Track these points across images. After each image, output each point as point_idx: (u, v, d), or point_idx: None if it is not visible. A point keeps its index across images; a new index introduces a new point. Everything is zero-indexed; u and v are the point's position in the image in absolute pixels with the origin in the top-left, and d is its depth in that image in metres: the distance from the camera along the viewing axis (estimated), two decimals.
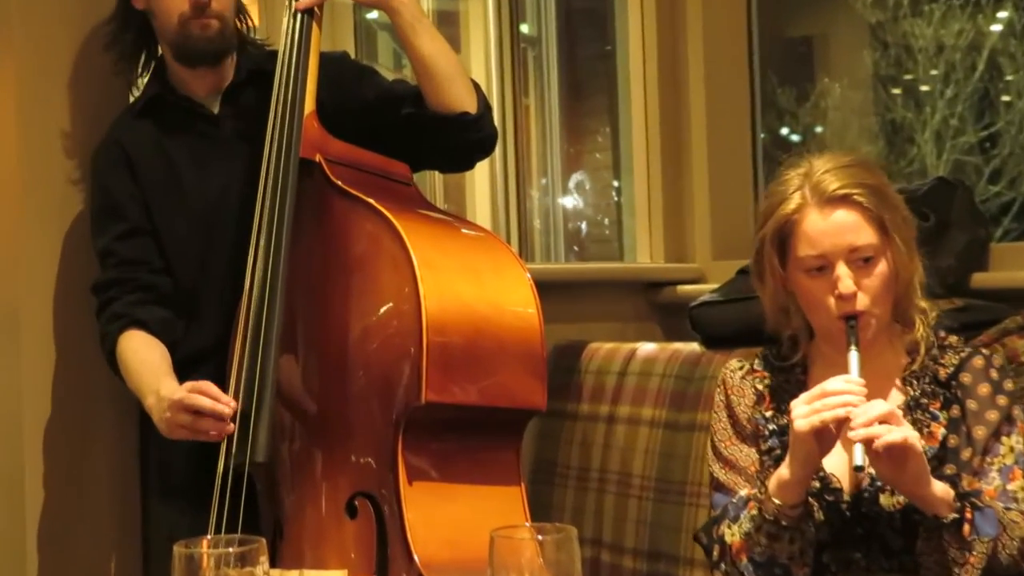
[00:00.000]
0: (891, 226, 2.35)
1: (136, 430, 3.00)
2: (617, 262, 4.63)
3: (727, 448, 2.49)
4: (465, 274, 2.58)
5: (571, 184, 5.92)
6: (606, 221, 5.96)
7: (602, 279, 4.02)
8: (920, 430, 2.33)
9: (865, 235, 2.34)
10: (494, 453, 2.61)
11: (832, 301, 2.34)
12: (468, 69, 4.78)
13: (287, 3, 2.80)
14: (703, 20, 4.00)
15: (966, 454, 2.33)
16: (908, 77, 8.09)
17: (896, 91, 8.12)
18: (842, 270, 2.33)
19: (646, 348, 3.36)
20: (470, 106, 2.81)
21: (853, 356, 2.28)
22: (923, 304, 2.43)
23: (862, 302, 2.33)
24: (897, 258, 2.36)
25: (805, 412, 2.22)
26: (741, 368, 2.54)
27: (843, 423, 2.20)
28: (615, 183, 5.66)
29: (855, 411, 2.18)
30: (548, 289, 2.74)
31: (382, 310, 2.54)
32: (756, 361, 2.54)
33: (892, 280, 2.36)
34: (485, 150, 2.93)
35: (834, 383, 2.23)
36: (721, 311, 3.20)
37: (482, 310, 2.56)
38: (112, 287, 2.84)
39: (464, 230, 2.80)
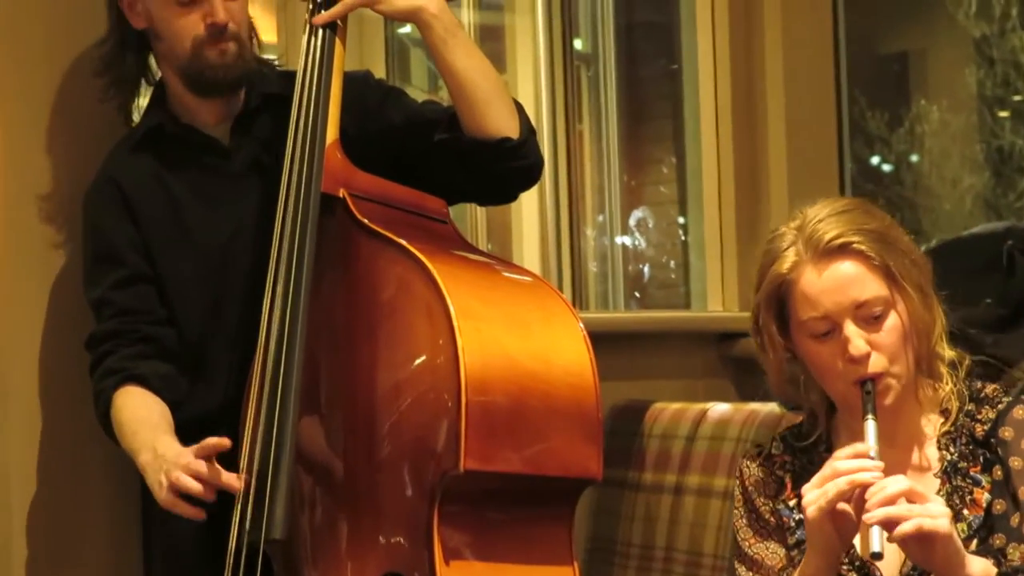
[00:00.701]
0: (899, 273, 2.35)
1: (138, 507, 2.99)
2: (684, 310, 4.62)
3: (751, 547, 2.48)
4: (509, 325, 2.58)
5: (631, 221, 5.93)
6: (671, 264, 5.96)
7: (667, 330, 4.02)
8: (963, 498, 2.34)
9: (871, 287, 2.33)
10: (543, 528, 2.61)
11: (844, 366, 2.34)
12: (514, 90, 4.79)
13: (306, 17, 2.81)
14: (783, 35, 4.01)
15: (1015, 520, 2.31)
16: (1017, 98, 8.07)
17: (1003, 114, 8.10)
18: (850, 330, 2.33)
19: (718, 409, 3.35)
20: (511, 130, 2.81)
21: (870, 426, 2.28)
22: (951, 354, 2.42)
23: (877, 363, 2.32)
24: (911, 308, 2.35)
25: (816, 496, 2.23)
26: (759, 455, 2.54)
27: (862, 504, 2.20)
28: (681, 220, 5.65)
29: (871, 489, 2.18)
30: (605, 341, 2.74)
31: (414, 365, 2.54)
32: (775, 445, 2.54)
33: (909, 333, 2.35)
34: (529, 180, 2.93)
35: (845, 460, 2.23)
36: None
37: (529, 366, 2.56)
38: (108, 340, 2.84)
39: (508, 274, 2.81)
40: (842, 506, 2.21)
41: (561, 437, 2.58)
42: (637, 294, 5.98)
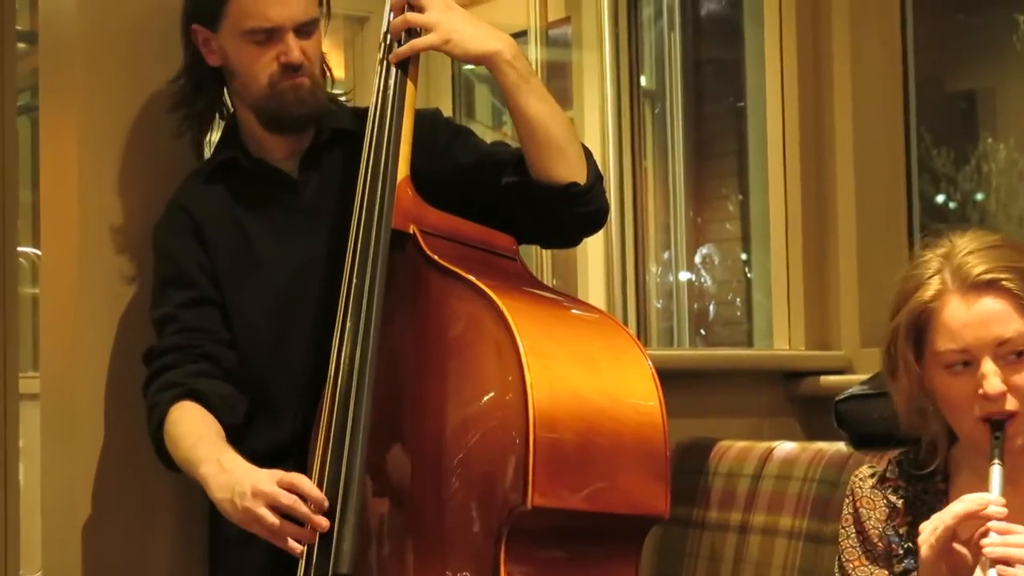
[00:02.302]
0: None
1: (205, 536, 3.01)
2: (750, 348, 4.62)
3: (856, 569, 2.48)
4: (578, 362, 2.59)
5: (697, 258, 5.92)
6: (737, 301, 5.94)
7: (732, 368, 4.01)
8: None
9: (1015, 326, 2.33)
10: (610, 566, 2.61)
11: (977, 402, 2.33)
12: (580, 127, 4.81)
13: (379, 56, 2.83)
14: (851, 72, 4.00)
15: None
16: None
17: None
18: (988, 367, 2.32)
19: (784, 448, 3.34)
20: (579, 176, 2.80)
21: (995, 471, 2.27)
22: None
23: (1012, 403, 2.32)
24: None
25: (927, 534, 2.22)
26: (873, 476, 2.53)
27: (978, 546, 2.19)
28: (746, 257, 5.65)
29: (993, 536, 2.17)
30: (670, 379, 2.74)
31: (483, 401, 2.55)
32: (890, 468, 2.53)
33: None
34: (593, 225, 2.92)
35: (968, 502, 2.22)
36: (872, 405, 3.17)
37: (598, 403, 2.56)
38: (169, 353, 2.84)
39: (577, 311, 2.81)
40: (959, 547, 2.20)
41: (629, 474, 2.57)
42: (702, 331, 5.96)
